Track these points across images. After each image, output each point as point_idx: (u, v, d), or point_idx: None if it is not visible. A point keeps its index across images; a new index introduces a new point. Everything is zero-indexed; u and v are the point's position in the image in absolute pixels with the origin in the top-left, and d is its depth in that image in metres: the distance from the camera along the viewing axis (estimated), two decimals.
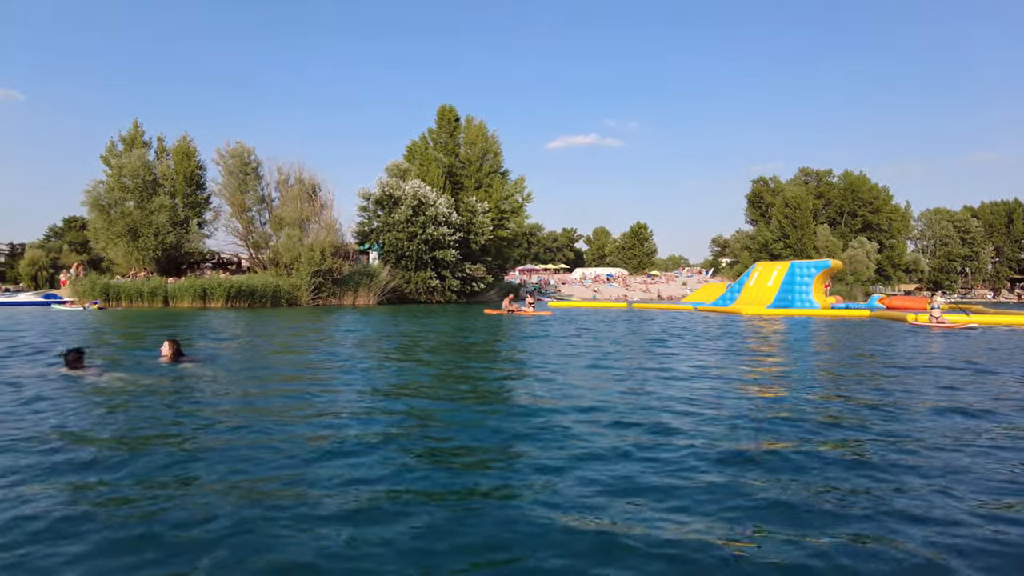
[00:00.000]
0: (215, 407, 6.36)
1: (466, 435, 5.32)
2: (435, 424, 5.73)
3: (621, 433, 5.35)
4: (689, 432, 5.36)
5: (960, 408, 6.51)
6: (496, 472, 4.28)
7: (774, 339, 15.52)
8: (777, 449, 4.84)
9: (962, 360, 10.76)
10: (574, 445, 4.95)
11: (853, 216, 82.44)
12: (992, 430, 5.54)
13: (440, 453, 4.76)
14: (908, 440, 5.18)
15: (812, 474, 4.25)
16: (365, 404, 6.60)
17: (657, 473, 4.23)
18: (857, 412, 6.29)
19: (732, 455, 4.66)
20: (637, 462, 4.49)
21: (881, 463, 4.49)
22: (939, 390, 7.75)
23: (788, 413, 6.21)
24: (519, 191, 50.36)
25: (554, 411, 6.20)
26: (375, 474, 4.18)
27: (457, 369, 9.81)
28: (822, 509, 3.62)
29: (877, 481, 4.12)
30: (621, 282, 77.37)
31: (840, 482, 4.09)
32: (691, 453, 4.71)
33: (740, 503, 3.71)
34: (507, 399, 7.16)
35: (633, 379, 8.42)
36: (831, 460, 4.57)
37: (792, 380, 8.78)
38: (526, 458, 4.61)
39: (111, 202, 35.44)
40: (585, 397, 7.08)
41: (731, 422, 5.77)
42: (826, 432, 5.43)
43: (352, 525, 3.30)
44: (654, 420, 5.83)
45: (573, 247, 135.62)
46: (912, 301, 31.97)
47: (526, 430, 5.48)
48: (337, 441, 4.96)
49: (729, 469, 4.35)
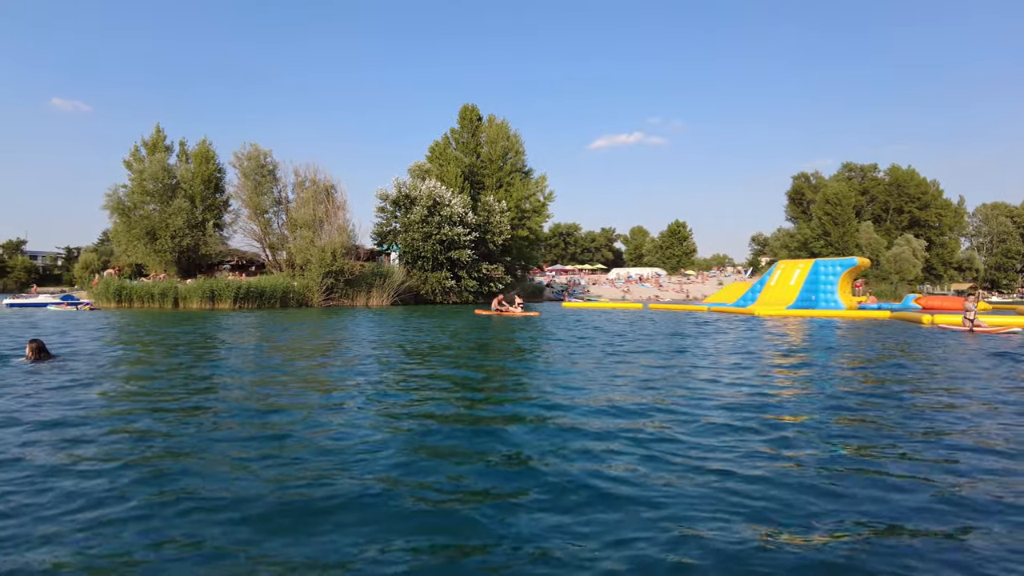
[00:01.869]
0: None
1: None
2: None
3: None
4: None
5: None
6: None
7: (747, 343, 13.67)
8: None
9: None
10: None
11: (899, 212, 77.86)
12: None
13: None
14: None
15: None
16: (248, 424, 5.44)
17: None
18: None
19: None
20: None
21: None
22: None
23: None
24: (540, 190, 48.95)
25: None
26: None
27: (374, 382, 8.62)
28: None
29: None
30: (653, 282, 74.93)
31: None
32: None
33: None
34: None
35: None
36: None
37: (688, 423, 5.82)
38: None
39: (131, 206, 35.68)
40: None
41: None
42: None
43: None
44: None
45: (612, 247, 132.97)
46: (950, 301, 29.21)
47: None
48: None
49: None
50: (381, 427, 5.43)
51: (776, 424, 5.70)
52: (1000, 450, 4.82)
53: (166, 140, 38.83)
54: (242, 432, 5.21)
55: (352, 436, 5.11)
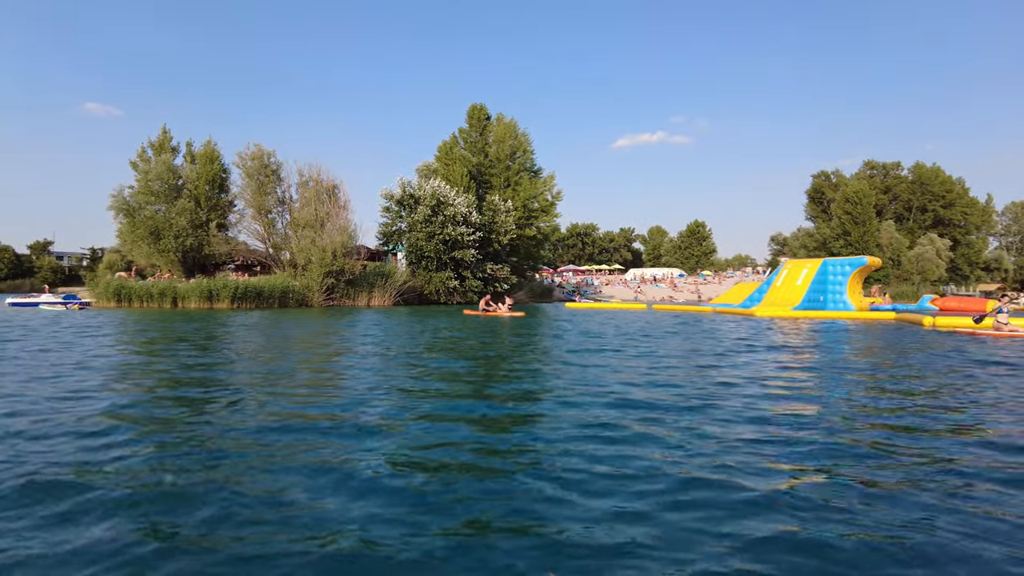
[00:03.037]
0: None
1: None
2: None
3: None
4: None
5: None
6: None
7: (717, 346, 12.58)
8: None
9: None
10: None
11: (923, 211, 75.18)
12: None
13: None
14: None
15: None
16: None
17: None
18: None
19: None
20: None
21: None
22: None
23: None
24: (548, 189, 48.04)
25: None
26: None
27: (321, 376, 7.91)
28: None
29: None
30: (668, 283, 73.47)
31: None
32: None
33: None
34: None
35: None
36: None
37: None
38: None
39: (136, 206, 35.69)
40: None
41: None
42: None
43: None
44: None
45: (631, 247, 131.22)
46: (968, 302, 27.65)
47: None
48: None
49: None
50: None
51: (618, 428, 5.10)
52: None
53: (172, 141, 38.85)
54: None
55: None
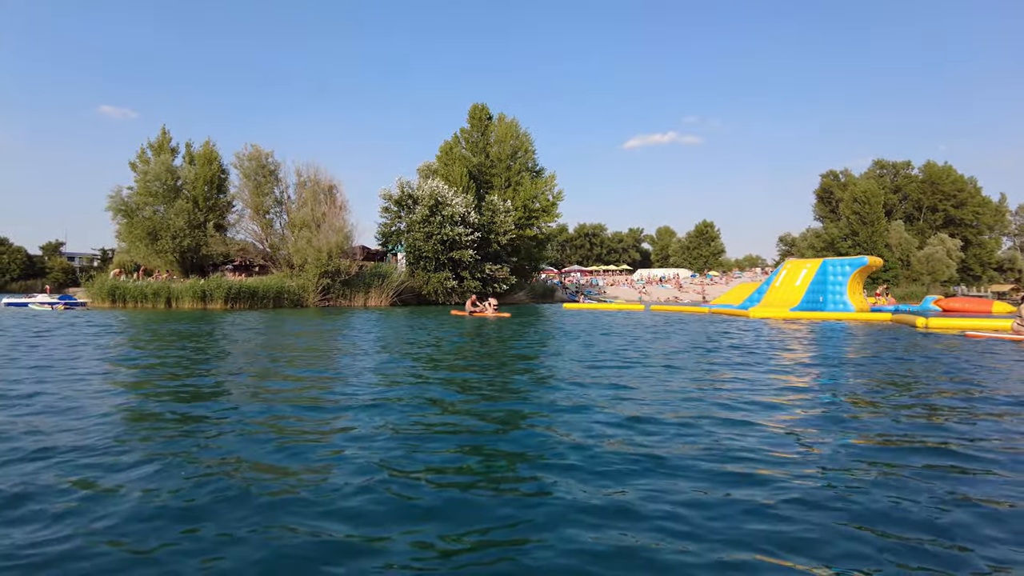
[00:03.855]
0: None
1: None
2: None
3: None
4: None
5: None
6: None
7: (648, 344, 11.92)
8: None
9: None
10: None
11: (933, 211, 73.74)
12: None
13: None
14: None
15: None
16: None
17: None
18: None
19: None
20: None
21: None
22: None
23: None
24: (549, 189, 47.43)
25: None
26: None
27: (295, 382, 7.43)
28: None
29: None
30: (674, 283, 72.54)
31: None
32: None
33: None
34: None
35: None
36: None
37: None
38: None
39: (134, 207, 35.54)
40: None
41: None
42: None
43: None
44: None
45: (639, 247, 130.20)
46: (972, 302, 26.75)
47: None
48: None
49: None
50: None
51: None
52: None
53: (172, 142, 38.69)
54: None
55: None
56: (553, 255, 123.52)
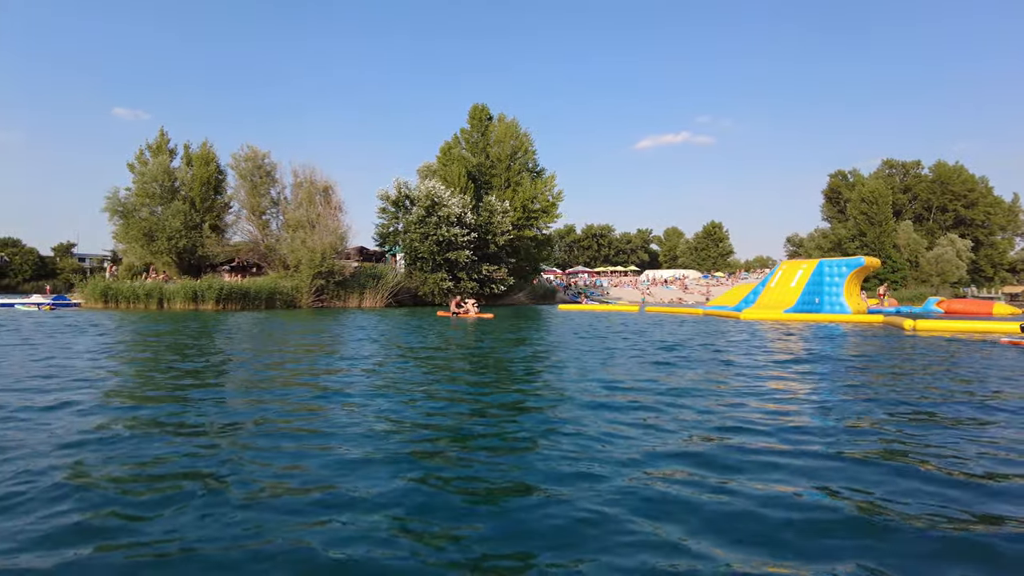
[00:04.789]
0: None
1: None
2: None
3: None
4: None
5: None
6: None
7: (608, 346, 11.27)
8: None
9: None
10: None
11: (943, 211, 72.18)
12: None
13: None
14: None
15: None
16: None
17: None
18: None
19: None
20: None
21: None
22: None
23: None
24: (549, 189, 46.83)
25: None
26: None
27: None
28: None
29: None
30: (678, 285, 71.61)
31: None
32: None
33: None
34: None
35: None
36: None
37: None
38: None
39: (130, 208, 35.46)
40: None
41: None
42: None
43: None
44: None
45: (648, 248, 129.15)
46: (975, 304, 25.86)
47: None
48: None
49: None
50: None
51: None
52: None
53: (170, 143, 38.63)
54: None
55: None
56: (561, 256, 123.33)
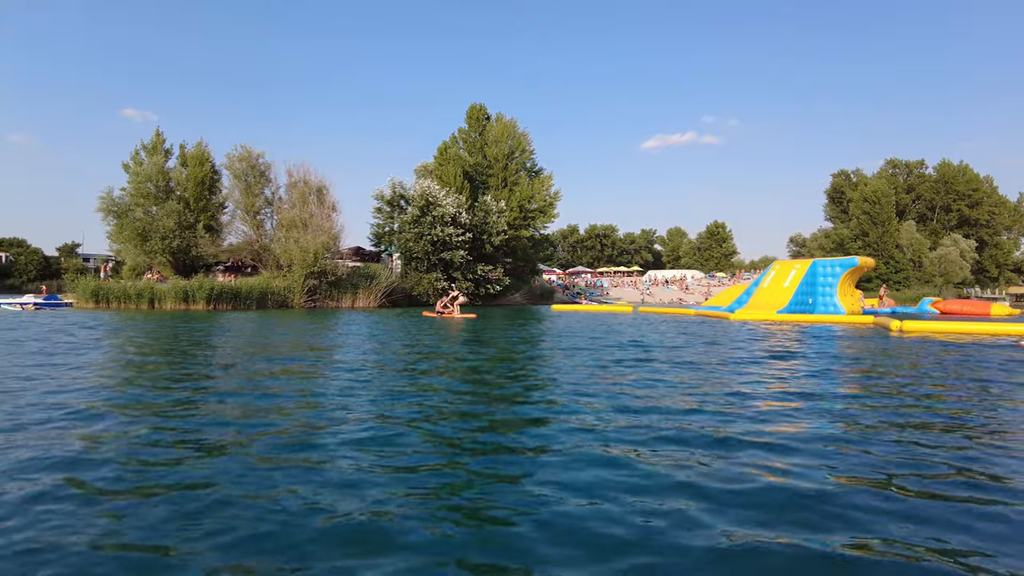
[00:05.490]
0: None
1: None
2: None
3: None
4: None
5: None
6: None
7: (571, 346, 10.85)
8: None
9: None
10: None
11: (947, 211, 71.24)
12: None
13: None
14: None
15: None
16: None
17: None
18: None
19: None
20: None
21: None
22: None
23: None
24: (546, 189, 46.43)
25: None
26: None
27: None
28: None
29: None
30: (679, 285, 70.97)
31: None
32: None
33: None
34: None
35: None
36: None
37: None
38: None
39: (124, 208, 35.27)
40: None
41: None
42: None
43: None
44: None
45: (652, 248, 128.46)
46: (971, 305, 25.27)
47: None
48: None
49: None
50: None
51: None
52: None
53: (165, 144, 38.43)
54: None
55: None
56: (564, 256, 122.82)
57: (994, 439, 4.46)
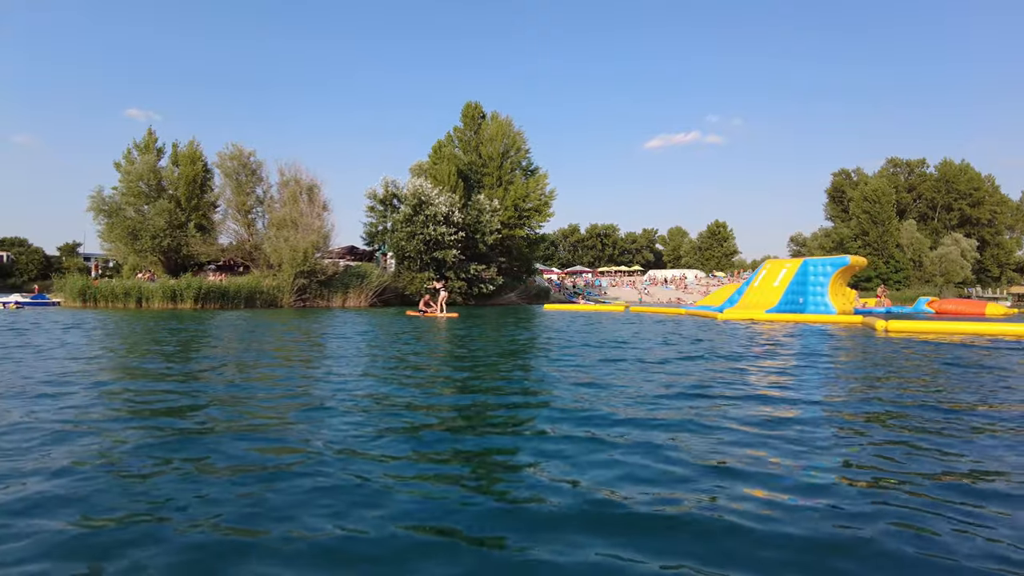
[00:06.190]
0: None
1: None
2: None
3: None
4: None
5: None
6: None
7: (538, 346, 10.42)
8: None
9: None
10: None
11: (948, 210, 70.37)
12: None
13: None
14: None
15: None
16: None
17: None
18: None
19: None
20: None
21: None
22: None
23: None
24: (541, 188, 45.95)
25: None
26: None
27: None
28: None
29: None
30: (677, 284, 70.39)
31: None
32: None
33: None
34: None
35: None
36: None
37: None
38: None
39: (115, 207, 35.04)
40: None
41: None
42: None
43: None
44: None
45: (653, 248, 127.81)
46: (966, 304, 24.71)
47: None
48: None
49: None
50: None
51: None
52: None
53: (157, 142, 38.23)
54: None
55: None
56: (565, 255, 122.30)
57: (922, 436, 4.01)
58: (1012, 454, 3.81)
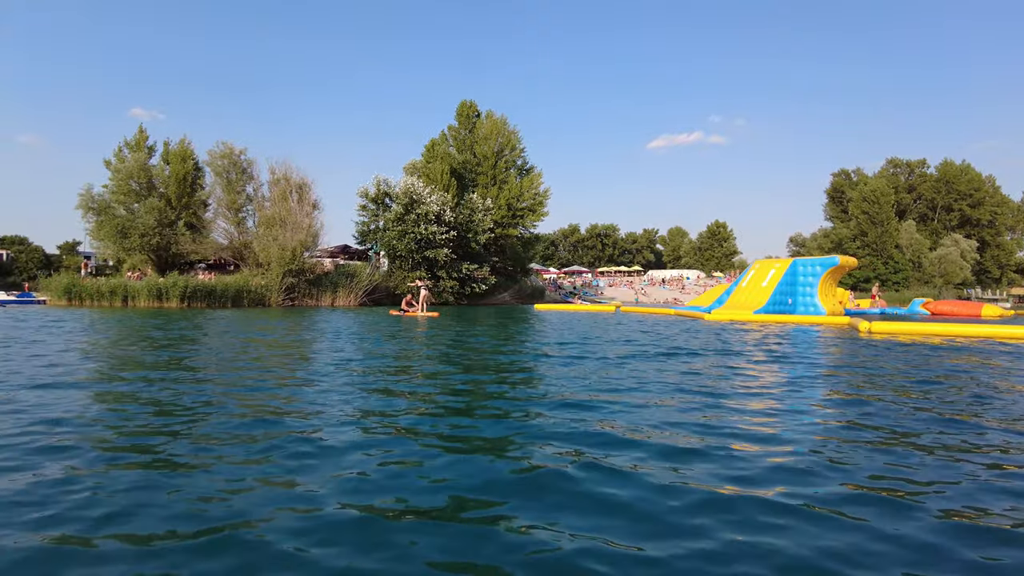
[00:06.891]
0: None
1: None
2: None
3: None
4: None
5: None
6: None
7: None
8: None
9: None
10: None
11: (948, 211, 69.58)
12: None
13: None
14: None
15: None
16: None
17: None
18: None
19: None
20: None
21: None
22: None
23: None
24: (535, 188, 45.50)
25: None
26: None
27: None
28: None
29: None
30: (675, 284, 69.83)
31: None
32: None
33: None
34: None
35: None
36: None
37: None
38: None
39: (104, 205, 34.77)
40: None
41: None
42: None
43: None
44: None
45: (654, 248, 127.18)
46: (961, 306, 24.17)
47: None
48: None
49: None
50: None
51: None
52: None
53: (148, 140, 37.96)
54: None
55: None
56: (566, 255, 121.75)
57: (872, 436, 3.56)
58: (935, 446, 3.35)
